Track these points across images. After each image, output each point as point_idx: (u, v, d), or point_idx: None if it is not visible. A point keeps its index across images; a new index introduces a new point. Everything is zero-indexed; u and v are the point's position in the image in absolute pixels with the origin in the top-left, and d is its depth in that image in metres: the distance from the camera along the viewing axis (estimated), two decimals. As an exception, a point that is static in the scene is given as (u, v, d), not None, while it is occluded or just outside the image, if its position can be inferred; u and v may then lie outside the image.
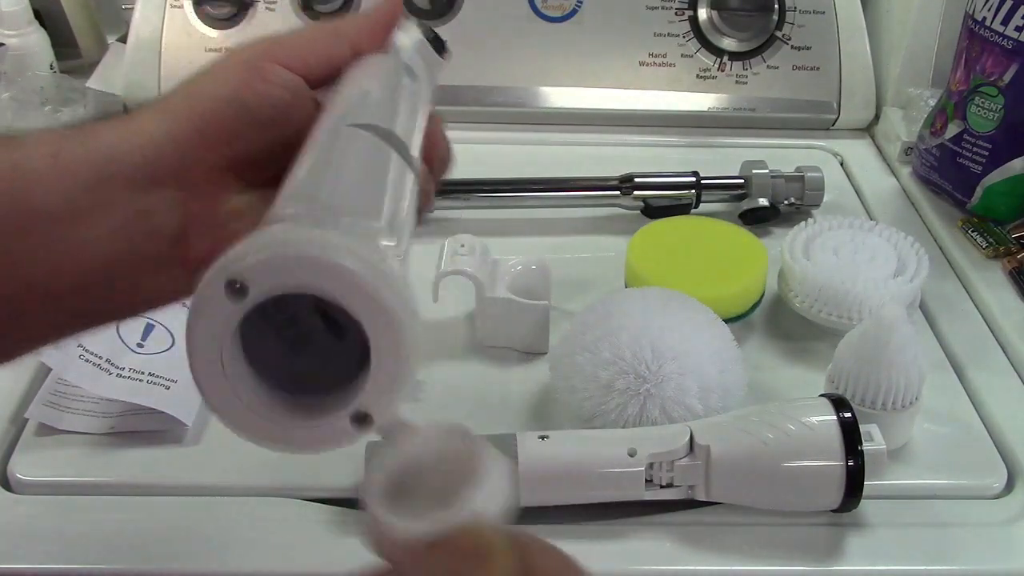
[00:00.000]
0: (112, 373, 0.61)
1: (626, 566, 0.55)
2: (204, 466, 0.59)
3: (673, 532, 0.56)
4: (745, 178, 0.84)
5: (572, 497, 0.56)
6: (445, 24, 0.94)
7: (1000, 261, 0.78)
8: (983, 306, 0.75)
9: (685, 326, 0.60)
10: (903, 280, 0.69)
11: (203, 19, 0.93)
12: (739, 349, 0.62)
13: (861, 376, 0.59)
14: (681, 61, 0.95)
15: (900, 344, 0.58)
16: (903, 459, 0.61)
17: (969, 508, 0.59)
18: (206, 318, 0.26)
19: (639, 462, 0.54)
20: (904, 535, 0.57)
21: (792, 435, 0.54)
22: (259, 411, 0.27)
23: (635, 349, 0.58)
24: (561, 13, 0.95)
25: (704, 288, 0.67)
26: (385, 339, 0.25)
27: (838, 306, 0.68)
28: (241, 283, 0.25)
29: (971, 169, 0.82)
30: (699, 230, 0.77)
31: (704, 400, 0.58)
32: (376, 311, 0.25)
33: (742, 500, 0.56)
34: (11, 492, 0.58)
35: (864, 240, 0.72)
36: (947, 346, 0.71)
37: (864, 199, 0.89)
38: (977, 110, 0.80)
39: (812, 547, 0.56)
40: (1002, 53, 0.77)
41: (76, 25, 1.01)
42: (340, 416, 0.26)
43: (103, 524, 0.56)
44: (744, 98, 0.96)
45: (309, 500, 0.57)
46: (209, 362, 0.26)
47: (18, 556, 0.54)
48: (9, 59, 0.91)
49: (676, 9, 0.95)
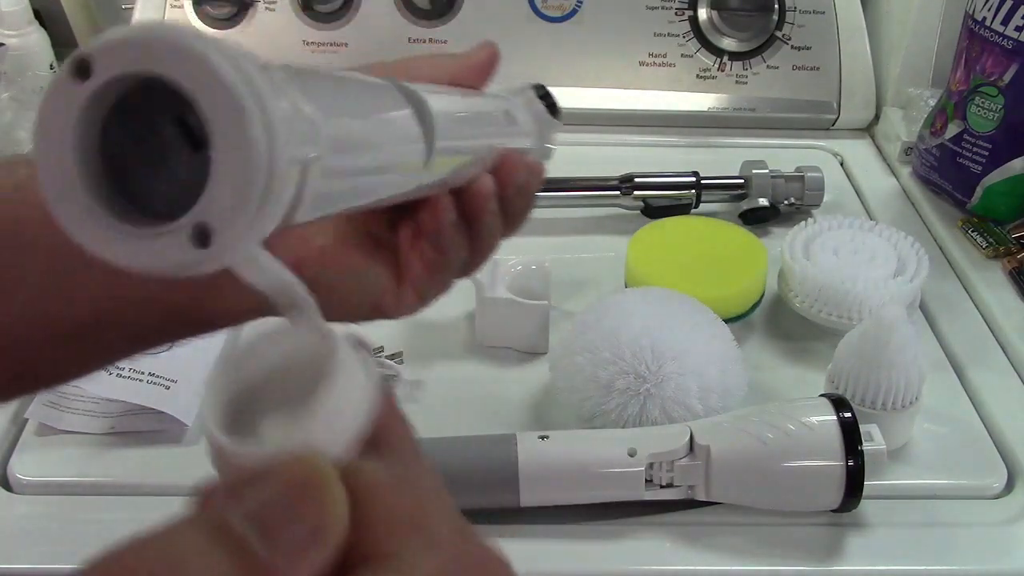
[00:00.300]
0: (112, 373, 0.61)
1: (626, 566, 0.55)
2: (204, 466, 0.59)
3: (673, 532, 0.56)
4: (745, 178, 0.84)
5: (572, 497, 0.56)
6: (445, 24, 0.94)
7: (1000, 261, 0.78)
8: (983, 306, 0.75)
9: (685, 326, 0.60)
10: (903, 280, 0.69)
11: (203, 19, 0.93)
12: (739, 349, 0.62)
13: (861, 376, 0.59)
14: (681, 61, 0.95)
15: (900, 344, 0.58)
16: (903, 459, 0.61)
17: (969, 508, 0.59)
18: (52, 98, 0.24)
19: (639, 462, 0.54)
20: (904, 535, 0.57)
21: (792, 435, 0.54)
22: (97, 211, 0.25)
23: (635, 349, 0.58)
24: (561, 13, 0.95)
25: (704, 288, 0.67)
26: (227, 130, 0.23)
27: (838, 306, 0.68)
28: (87, 61, 0.24)
29: (971, 169, 0.82)
30: (699, 230, 0.77)
31: (704, 400, 0.58)
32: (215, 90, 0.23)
33: (742, 500, 0.56)
34: (11, 492, 0.58)
35: (864, 240, 0.72)
36: (947, 346, 0.71)
37: (864, 199, 0.89)
38: (977, 110, 0.80)
39: (812, 547, 0.56)
40: (1002, 53, 0.77)
41: (76, 25, 1.01)
42: (177, 226, 0.24)
43: (103, 524, 0.56)
44: (744, 98, 0.96)
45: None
46: (51, 148, 0.25)
47: (18, 556, 0.54)
48: (9, 59, 0.91)
49: (676, 9, 0.95)
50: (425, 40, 0.94)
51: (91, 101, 0.25)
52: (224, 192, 0.23)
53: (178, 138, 0.26)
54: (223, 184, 0.23)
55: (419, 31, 0.94)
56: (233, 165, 0.23)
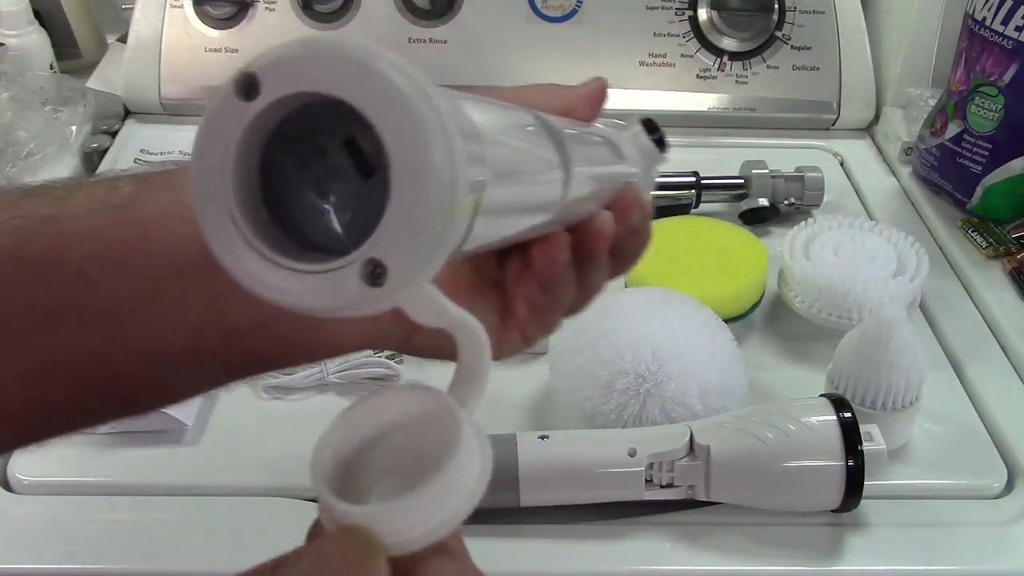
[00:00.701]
0: (112, 373, 0.61)
1: (626, 566, 0.55)
2: (204, 466, 0.59)
3: (673, 532, 0.56)
4: (745, 178, 0.84)
5: (572, 497, 0.56)
6: (445, 24, 0.94)
7: (1000, 261, 0.78)
8: (983, 306, 0.75)
9: (685, 326, 0.60)
10: (903, 280, 0.69)
11: (203, 19, 0.93)
12: (739, 349, 0.62)
13: (861, 376, 0.59)
14: (681, 61, 0.95)
15: (900, 344, 0.58)
16: (903, 459, 0.61)
17: (969, 508, 0.59)
18: (214, 118, 0.22)
19: (639, 462, 0.54)
20: (904, 535, 0.57)
21: (792, 435, 0.54)
22: (254, 241, 0.23)
23: (635, 349, 0.58)
24: (561, 13, 0.95)
25: (704, 288, 0.67)
26: (407, 158, 0.21)
27: (838, 306, 0.68)
28: (254, 78, 0.22)
29: (971, 169, 0.82)
30: (699, 230, 0.77)
31: (704, 400, 0.58)
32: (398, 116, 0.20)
33: (742, 500, 0.56)
34: (11, 492, 0.58)
35: (864, 240, 0.72)
36: (947, 346, 0.71)
37: (864, 199, 0.89)
38: (977, 110, 0.80)
39: (812, 547, 0.56)
40: (1002, 53, 0.77)
41: (76, 25, 1.01)
42: (346, 263, 0.21)
43: (103, 524, 0.56)
44: (744, 98, 0.96)
45: (309, 500, 0.57)
46: (210, 170, 0.22)
47: (18, 556, 0.54)
48: (9, 59, 0.91)
49: (676, 9, 0.95)
50: (425, 40, 0.94)
51: (255, 122, 0.22)
52: (401, 225, 0.21)
53: (342, 162, 0.24)
54: (400, 216, 0.21)
55: (419, 31, 0.94)
56: (411, 196, 0.21)
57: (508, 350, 0.40)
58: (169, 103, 0.93)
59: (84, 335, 0.34)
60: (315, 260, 0.22)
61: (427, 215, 0.21)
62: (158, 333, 0.35)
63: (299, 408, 0.64)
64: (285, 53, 0.22)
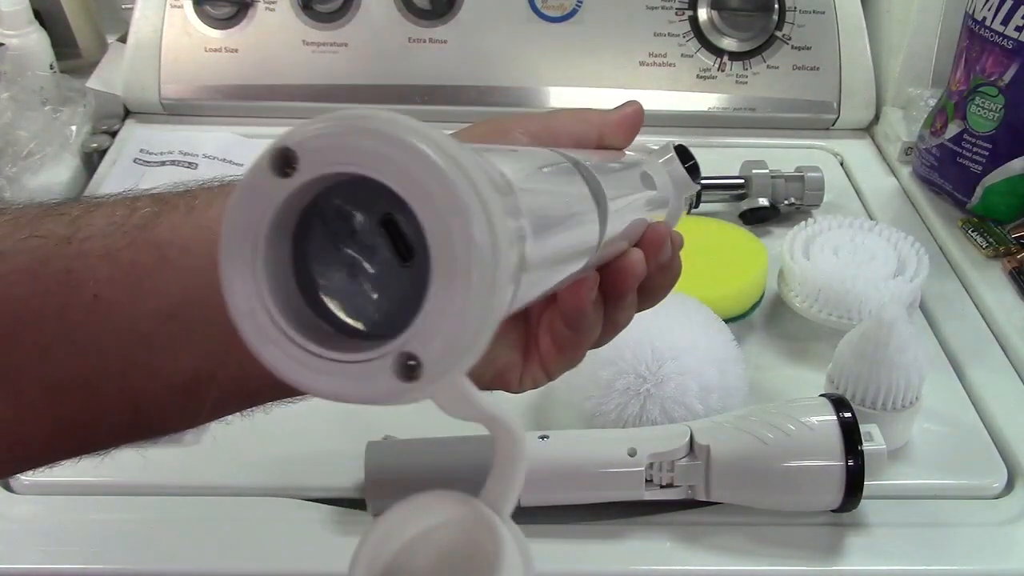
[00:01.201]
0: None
1: (626, 566, 0.55)
2: (204, 466, 0.59)
3: (673, 532, 0.56)
4: (745, 178, 0.84)
5: (572, 497, 0.56)
6: (445, 24, 0.94)
7: (1000, 261, 0.78)
8: (983, 306, 0.75)
9: (685, 326, 0.60)
10: (903, 280, 0.69)
11: (203, 19, 0.93)
12: (739, 349, 0.62)
13: (861, 376, 0.59)
14: (681, 61, 0.95)
15: (900, 344, 0.58)
16: (903, 459, 0.61)
17: (969, 508, 0.59)
18: (247, 193, 0.21)
19: (639, 462, 0.54)
20: (904, 535, 0.57)
21: (792, 435, 0.54)
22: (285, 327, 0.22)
23: (635, 349, 0.58)
24: (561, 13, 0.95)
25: (704, 288, 0.67)
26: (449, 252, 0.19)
27: (838, 306, 0.68)
28: (292, 154, 0.20)
29: (971, 169, 0.82)
30: (699, 230, 0.77)
31: (704, 400, 0.58)
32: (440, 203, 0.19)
33: (742, 500, 0.56)
34: (11, 492, 0.58)
35: (864, 240, 0.72)
36: (947, 346, 0.71)
37: (864, 199, 0.89)
38: (977, 110, 0.80)
39: (812, 547, 0.56)
40: (1002, 53, 0.77)
41: (76, 25, 1.00)
42: (379, 355, 0.20)
43: (103, 524, 0.56)
44: (744, 98, 0.96)
45: (309, 500, 0.57)
46: (240, 250, 0.21)
47: (18, 556, 0.54)
48: (9, 59, 0.91)
49: (676, 9, 0.95)
50: (425, 40, 0.94)
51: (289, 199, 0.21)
52: (439, 320, 0.20)
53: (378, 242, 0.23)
54: (438, 311, 0.20)
55: (419, 31, 0.94)
56: (452, 289, 0.20)
57: (529, 384, 0.39)
58: (169, 103, 0.93)
59: (99, 358, 0.33)
60: (346, 346, 0.21)
61: (467, 316, 0.20)
62: (174, 357, 0.34)
63: (299, 408, 0.64)
64: (324, 128, 0.21)
